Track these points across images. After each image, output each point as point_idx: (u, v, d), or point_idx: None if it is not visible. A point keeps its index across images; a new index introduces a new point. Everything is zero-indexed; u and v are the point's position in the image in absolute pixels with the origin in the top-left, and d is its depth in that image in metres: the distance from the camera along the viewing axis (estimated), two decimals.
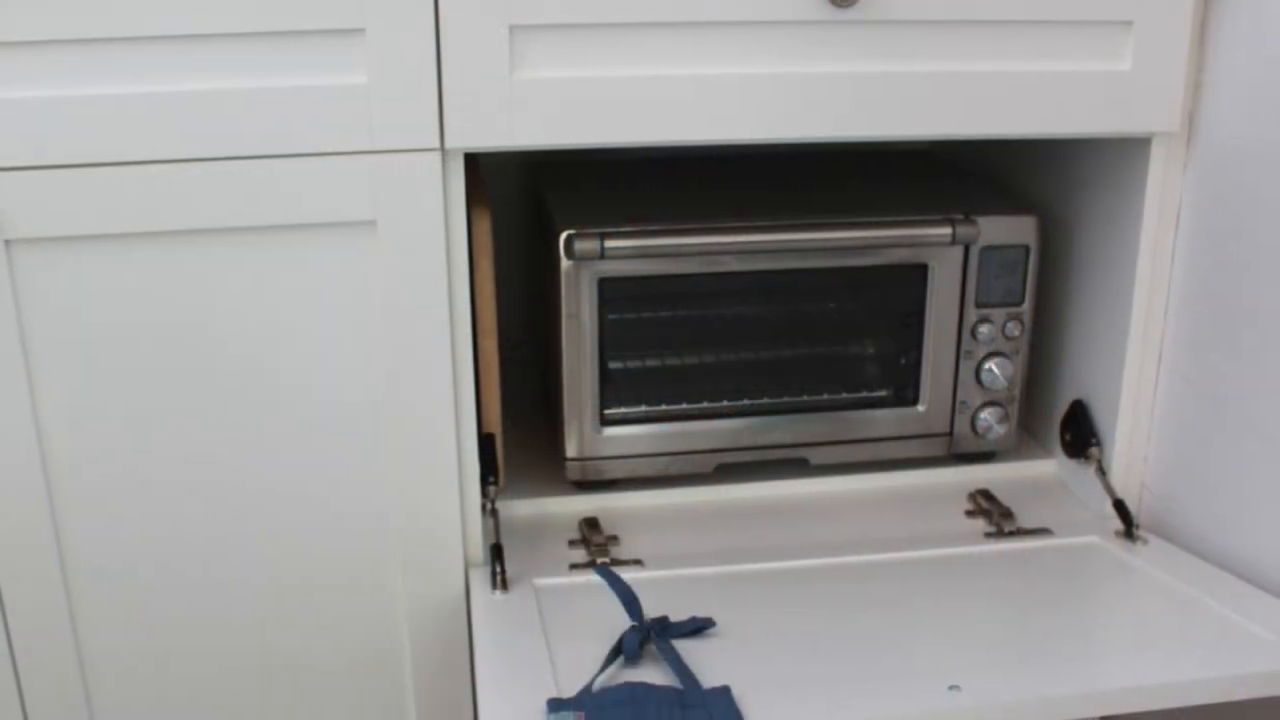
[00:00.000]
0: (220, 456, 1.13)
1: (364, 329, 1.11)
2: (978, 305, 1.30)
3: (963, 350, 1.32)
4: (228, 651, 1.19)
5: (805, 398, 1.34)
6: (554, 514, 1.30)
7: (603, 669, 0.99)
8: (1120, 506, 1.25)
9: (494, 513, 1.21)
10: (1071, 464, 1.34)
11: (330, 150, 1.04)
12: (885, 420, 1.34)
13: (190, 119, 1.02)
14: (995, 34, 1.11)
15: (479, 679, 0.99)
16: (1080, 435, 1.32)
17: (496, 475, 1.23)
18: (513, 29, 1.04)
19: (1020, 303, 1.31)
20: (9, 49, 0.98)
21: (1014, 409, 1.35)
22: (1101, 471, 1.28)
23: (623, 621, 1.04)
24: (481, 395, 1.20)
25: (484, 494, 1.20)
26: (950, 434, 1.35)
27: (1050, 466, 1.39)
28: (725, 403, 1.33)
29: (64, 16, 0.97)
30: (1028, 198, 1.42)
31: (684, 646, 1.02)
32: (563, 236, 1.21)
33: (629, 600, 1.05)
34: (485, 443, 1.21)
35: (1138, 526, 1.23)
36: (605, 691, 0.94)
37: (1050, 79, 1.13)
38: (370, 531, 1.17)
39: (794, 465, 1.34)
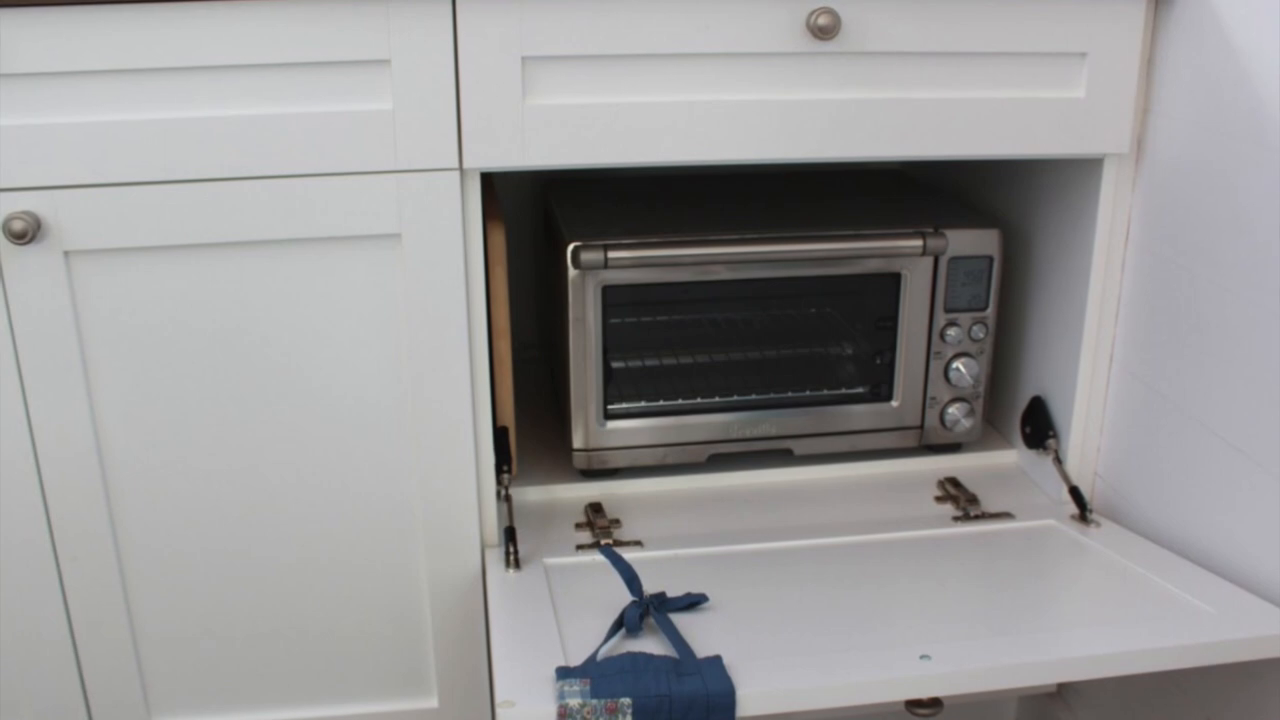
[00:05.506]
0: (259, 448, 1.13)
1: (389, 332, 1.11)
2: (946, 310, 1.31)
3: (932, 351, 1.32)
4: (266, 623, 1.20)
5: (790, 394, 1.34)
6: (562, 499, 1.30)
7: (606, 640, 0.99)
8: (1075, 493, 1.25)
9: (507, 498, 1.21)
10: (1031, 454, 1.35)
11: (359, 170, 1.05)
12: (862, 414, 1.34)
13: (232, 141, 1.02)
14: (962, 65, 1.12)
15: (494, 649, 1.00)
16: (1039, 428, 1.32)
17: (510, 464, 1.24)
18: (525, 60, 1.04)
19: (985, 308, 1.31)
20: (68, 78, 0.99)
21: (979, 404, 1.35)
22: (1058, 461, 1.29)
23: (624, 597, 1.04)
24: (496, 392, 1.21)
25: (498, 481, 1.20)
26: (921, 427, 1.35)
27: (1012, 456, 1.39)
28: (717, 398, 1.33)
29: (119, 49, 0.98)
30: (991, 213, 1.42)
31: (680, 620, 1.03)
32: (570, 248, 1.21)
33: (630, 578, 1.05)
34: (500, 435, 1.22)
35: (1091, 511, 1.24)
36: (608, 660, 0.95)
37: (1011, 105, 1.13)
38: (395, 516, 1.17)
39: (780, 455, 1.35)
